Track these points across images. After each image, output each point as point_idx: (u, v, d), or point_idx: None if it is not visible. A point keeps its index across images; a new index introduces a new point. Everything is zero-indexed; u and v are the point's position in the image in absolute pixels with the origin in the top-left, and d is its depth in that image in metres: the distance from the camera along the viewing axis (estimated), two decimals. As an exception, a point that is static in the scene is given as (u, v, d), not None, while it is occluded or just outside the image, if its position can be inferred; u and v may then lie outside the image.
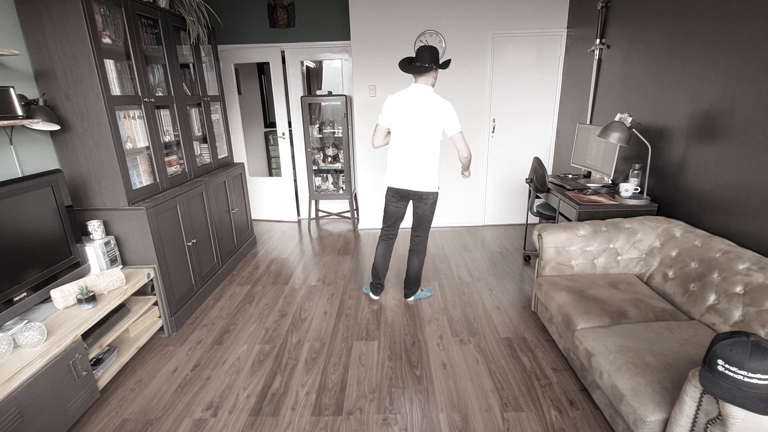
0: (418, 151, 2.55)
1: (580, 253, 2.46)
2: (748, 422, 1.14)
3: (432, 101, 2.48)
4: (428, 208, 2.68)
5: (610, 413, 1.75)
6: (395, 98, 2.55)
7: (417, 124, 2.50)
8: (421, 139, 2.53)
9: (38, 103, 2.09)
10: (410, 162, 2.58)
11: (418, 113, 2.49)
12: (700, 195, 2.33)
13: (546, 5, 3.88)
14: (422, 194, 2.62)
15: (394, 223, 2.81)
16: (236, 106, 4.68)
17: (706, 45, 2.25)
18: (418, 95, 2.49)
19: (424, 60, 2.44)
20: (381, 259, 2.89)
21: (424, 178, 2.59)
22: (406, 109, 2.50)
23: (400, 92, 2.55)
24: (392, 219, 2.79)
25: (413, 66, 2.47)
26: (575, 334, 1.97)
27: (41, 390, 1.67)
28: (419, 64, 2.45)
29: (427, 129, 2.50)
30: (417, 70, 2.47)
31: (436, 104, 2.47)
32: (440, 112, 2.47)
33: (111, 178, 2.34)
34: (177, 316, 2.68)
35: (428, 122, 2.49)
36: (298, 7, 4.28)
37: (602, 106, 3.38)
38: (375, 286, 2.98)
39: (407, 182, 2.62)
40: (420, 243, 2.81)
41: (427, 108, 2.47)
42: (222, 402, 2.04)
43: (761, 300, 1.66)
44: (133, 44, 2.44)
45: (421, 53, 2.45)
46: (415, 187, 2.61)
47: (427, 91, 2.49)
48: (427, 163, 2.58)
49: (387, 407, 1.98)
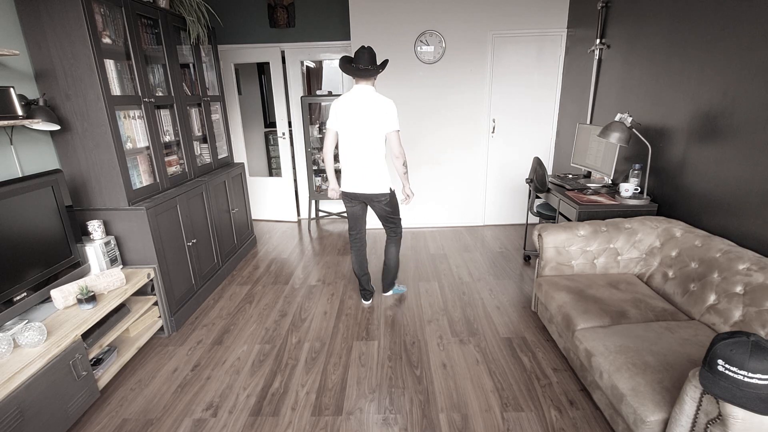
0: (364, 154, 2.56)
1: (580, 253, 2.46)
2: (748, 422, 1.14)
3: (374, 102, 2.48)
4: (386, 206, 2.69)
5: (610, 413, 1.75)
6: (340, 102, 2.56)
7: (361, 126, 2.51)
8: (366, 141, 2.53)
9: (38, 103, 2.09)
10: (358, 165, 2.59)
11: (361, 115, 2.50)
12: (700, 195, 2.33)
13: (546, 5, 3.88)
14: (373, 196, 2.63)
15: (355, 224, 2.82)
16: (236, 106, 4.68)
17: (706, 45, 2.25)
18: (361, 97, 2.50)
19: (365, 62, 2.45)
20: (356, 266, 2.90)
21: (372, 180, 2.59)
22: (350, 112, 2.51)
23: (345, 95, 2.56)
24: (353, 221, 2.81)
25: (355, 68, 2.47)
26: (575, 334, 1.97)
27: (41, 390, 1.67)
28: (362, 66, 2.45)
29: (371, 130, 2.51)
30: (360, 72, 2.47)
31: (378, 104, 2.48)
32: (381, 111, 2.48)
33: (111, 178, 2.34)
34: (177, 316, 2.68)
35: (372, 123, 2.50)
36: (298, 7, 4.28)
37: (602, 106, 3.38)
38: (362, 293, 2.98)
39: (357, 185, 2.62)
40: (393, 231, 2.82)
41: (370, 109, 2.48)
42: (222, 402, 2.04)
43: (761, 300, 1.66)
44: (133, 44, 2.44)
45: (361, 55, 2.45)
46: (365, 190, 2.62)
47: (369, 92, 2.51)
48: (375, 165, 2.58)
49: (387, 407, 1.98)
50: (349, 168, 2.63)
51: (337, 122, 2.59)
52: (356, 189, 2.64)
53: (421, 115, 4.24)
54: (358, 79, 2.52)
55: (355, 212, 2.78)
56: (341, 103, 2.55)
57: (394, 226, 2.81)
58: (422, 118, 4.26)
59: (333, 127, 2.62)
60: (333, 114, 2.60)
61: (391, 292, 3.03)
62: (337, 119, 2.58)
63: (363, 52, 2.45)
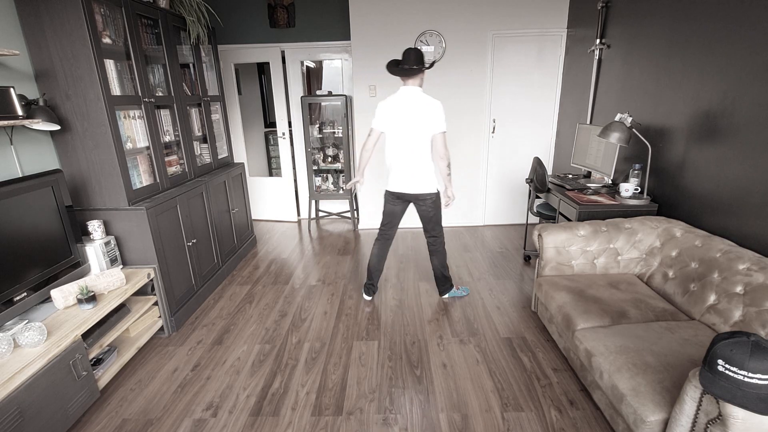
0: (411, 154, 2.58)
1: (580, 253, 2.46)
2: (749, 422, 1.14)
3: (421, 102, 2.50)
4: (429, 208, 2.69)
5: (610, 413, 1.75)
6: (387, 103, 2.59)
7: (409, 126, 2.53)
8: (414, 141, 2.55)
9: (38, 103, 2.09)
10: (405, 165, 2.61)
11: (409, 116, 2.52)
12: (700, 195, 2.33)
13: (546, 5, 3.88)
14: (419, 196, 2.65)
15: (390, 222, 2.82)
16: (236, 106, 4.68)
17: (706, 45, 2.25)
18: (408, 98, 2.52)
19: (411, 62, 2.48)
20: (375, 259, 2.90)
21: (419, 179, 2.62)
22: (397, 113, 2.54)
23: (391, 97, 2.58)
24: (389, 218, 2.81)
25: (400, 69, 2.50)
26: (575, 334, 1.97)
27: (41, 390, 1.67)
28: (407, 66, 2.48)
29: (419, 130, 2.53)
30: (405, 72, 2.50)
31: (425, 104, 2.50)
32: (428, 111, 2.49)
33: (111, 178, 2.34)
34: (177, 316, 2.68)
35: (419, 123, 2.51)
36: (298, 7, 4.28)
37: (602, 106, 3.38)
38: (367, 287, 2.98)
39: (404, 185, 2.65)
40: (435, 243, 2.82)
41: (417, 109, 2.50)
42: (222, 402, 2.04)
43: (761, 300, 1.66)
44: (133, 44, 2.44)
45: (407, 55, 2.48)
46: (412, 190, 2.64)
47: (416, 93, 2.53)
48: (422, 165, 2.60)
49: (387, 407, 1.98)
50: (396, 168, 2.66)
51: (382, 123, 2.61)
52: (403, 189, 2.66)
53: (421, 115, 4.24)
54: (405, 80, 2.54)
55: (395, 211, 2.79)
56: (387, 104, 2.58)
57: (435, 232, 2.79)
58: (422, 118, 4.25)
59: (378, 127, 2.64)
60: (379, 115, 2.62)
61: (447, 295, 2.99)
62: (382, 120, 2.61)
63: (410, 52, 2.48)
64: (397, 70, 2.52)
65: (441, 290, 2.98)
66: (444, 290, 2.97)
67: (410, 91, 2.53)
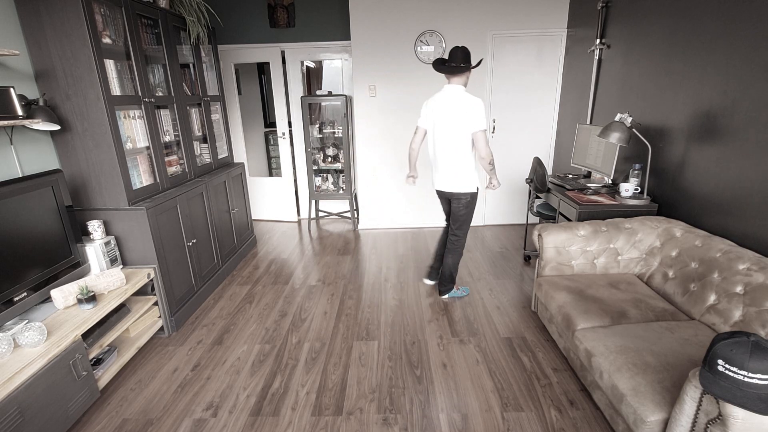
0: (448, 152, 2.60)
1: (580, 253, 2.46)
2: (749, 422, 1.14)
3: (462, 100, 2.51)
4: (462, 208, 2.72)
5: (610, 413, 1.75)
6: (430, 101, 2.64)
7: (446, 124, 2.55)
8: (451, 139, 2.56)
9: (38, 103, 2.09)
10: (442, 163, 2.65)
11: (448, 114, 2.53)
12: (700, 195, 2.33)
13: (546, 5, 3.88)
14: (454, 194, 2.69)
15: (447, 217, 2.95)
16: (236, 106, 4.68)
17: (706, 45, 2.25)
18: (449, 96, 2.54)
19: (458, 60, 2.48)
20: (438, 244, 3.06)
21: (455, 178, 2.64)
22: (438, 111, 2.57)
23: (436, 94, 2.62)
24: (445, 214, 2.95)
25: (447, 67, 2.51)
26: (575, 334, 1.97)
27: (41, 390, 1.67)
28: (453, 64, 2.49)
29: (457, 128, 2.53)
30: (451, 70, 2.51)
31: (464, 103, 2.50)
32: (467, 109, 2.49)
33: (111, 178, 2.34)
34: (177, 316, 2.68)
35: (457, 121, 2.52)
36: (298, 7, 4.28)
37: (602, 106, 3.38)
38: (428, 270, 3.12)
39: (440, 183, 2.72)
40: (456, 242, 2.84)
41: (456, 108, 2.51)
42: (222, 402, 2.04)
43: (761, 300, 1.66)
44: (133, 44, 2.44)
45: (455, 54, 2.49)
46: (448, 188, 2.69)
47: (458, 91, 2.53)
48: (458, 164, 2.61)
49: (387, 407, 1.98)
50: (435, 166, 2.73)
51: (425, 121, 2.69)
52: (440, 187, 2.75)
53: (421, 115, 4.24)
54: (449, 78, 2.56)
55: (444, 208, 2.92)
56: (430, 102, 2.64)
57: (459, 233, 2.81)
58: (422, 118, 4.25)
59: (422, 125, 2.72)
60: (422, 113, 2.70)
61: (447, 296, 3.00)
62: (425, 118, 2.68)
63: (456, 50, 2.50)
64: (443, 68, 2.53)
65: (442, 290, 2.97)
66: (445, 291, 2.97)
67: (452, 90, 2.54)
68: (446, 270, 2.91)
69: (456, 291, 3.00)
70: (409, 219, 4.61)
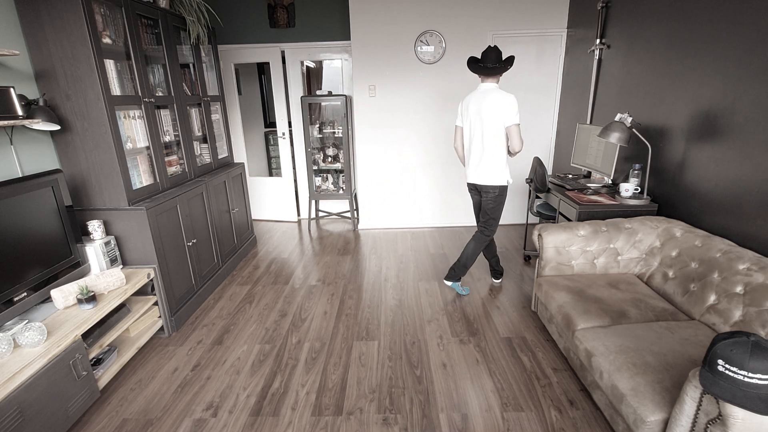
0: (481, 145, 2.70)
1: (580, 253, 2.46)
2: (749, 422, 1.14)
3: (494, 96, 2.60)
4: (491, 201, 2.79)
5: (610, 413, 1.75)
6: (466, 100, 2.76)
7: (480, 119, 2.65)
8: (484, 133, 2.66)
9: (38, 103, 2.09)
10: (475, 156, 2.74)
11: (481, 110, 2.63)
12: (700, 195, 2.33)
13: (546, 5, 3.88)
14: (484, 187, 2.77)
15: (477, 214, 2.98)
16: (236, 106, 4.68)
17: (706, 45, 2.25)
18: (483, 94, 2.65)
19: (493, 61, 2.59)
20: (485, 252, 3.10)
21: (486, 171, 2.73)
22: (472, 108, 2.67)
23: (471, 94, 2.73)
24: (476, 209, 2.98)
25: (483, 68, 2.61)
26: (575, 334, 1.97)
27: (41, 390, 1.67)
28: (489, 65, 2.59)
29: (490, 123, 2.63)
30: (487, 71, 2.61)
31: (498, 98, 2.59)
32: (499, 105, 2.58)
33: (111, 178, 2.34)
34: (177, 316, 2.68)
35: (490, 117, 2.62)
36: (298, 7, 4.28)
37: (602, 106, 3.38)
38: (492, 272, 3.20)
39: (473, 176, 2.82)
40: (483, 233, 2.91)
41: (489, 103, 2.60)
42: (222, 402, 2.04)
43: (761, 300, 1.66)
44: (133, 44, 2.44)
45: (488, 55, 2.59)
46: (479, 180, 2.77)
47: (491, 89, 2.63)
48: (490, 157, 2.70)
49: (387, 407, 1.98)
50: (467, 159, 2.84)
51: (462, 119, 2.81)
52: (472, 179, 2.82)
53: (421, 115, 4.24)
54: (484, 78, 2.67)
55: (475, 201, 2.96)
56: (466, 101, 2.75)
57: (488, 226, 2.88)
58: (423, 119, 4.26)
59: (459, 124, 2.85)
60: (459, 111, 2.83)
61: (450, 283, 3.03)
62: (462, 116, 2.81)
63: (490, 51, 2.59)
64: (479, 68, 2.63)
65: (450, 274, 3.00)
66: (452, 277, 3.00)
67: (487, 87, 2.64)
68: (464, 257, 2.94)
69: (459, 286, 3.03)
70: (409, 219, 4.60)
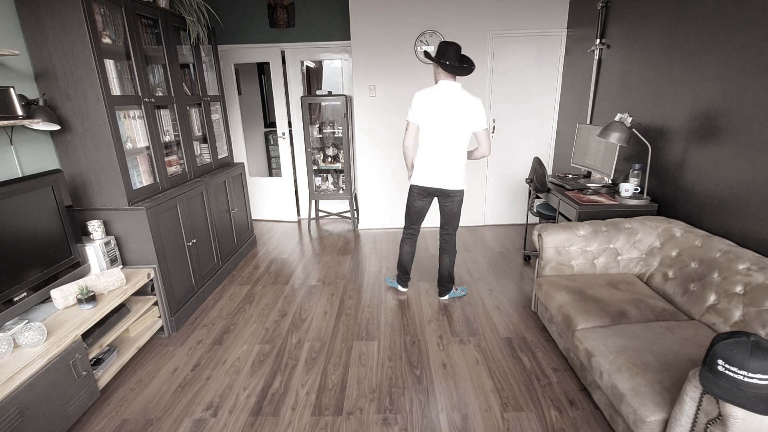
0: (448, 149, 2.56)
1: (580, 253, 2.46)
2: (748, 422, 1.14)
3: (465, 98, 2.49)
4: (456, 205, 2.71)
5: (610, 413, 1.75)
6: (426, 96, 2.52)
7: (449, 122, 2.50)
8: (452, 137, 2.54)
9: (38, 103, 2.09)
10: (439, 160, 2.59)
11: (450, 111, 2.49)
12: (700, 195, 2.33)
13: (546, 5, 3.88)
14: (450, 192, 2.65)
15: (417, 220, 2.84)
16: (236, 106, 4.68)
17: (706, 45, 2.25)
18: (450, 92, 2.49)
19: (467, 61, 2.47)
20: (408, 257, 2.96)
21: (453, 175, 2.62)
22: (439, 107, 2.49)
23: (431, 90, 2.53)
24: (417, 216, 2.82)
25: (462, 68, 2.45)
26: (575, 334, 1.97)
27: (41, 390, 1.67)
28: (466, 65, 2.46)
29: (460, 127, 2.51)
30: (459, 70, 2.46)
31: (470, 100, 2.49)
32: (471, 109, 2.49)
33: (111, 178, 2.34)
34: (177, 316, 2.68)
35: (461, 120, 2.50)
36: (298, 7, 4.28)
37: (602, 106, 3.38)
38: (404, 279, 3.03)
39: (437, 180, 2.63)
40: (449, 241, 2.85)
41: (458, 106, 2.48)
42: (222, 402, 2.04)
43: (761, 300, 1.66)
44: (133, 44, 2.44)
45: (455, 54, 2.43)
46: (445, 185, 2.63)
47: (458, 88, 2.50)
48: (458, 161, 2.60)
49: (387, 407, 1.98)
50: (428, 162, 2.61)
51: (420, 116, 2.55)
52: (434, 183, 2.64)
53: (421, 115, 4.24)
54: (452, 77, 2.50)
55: (424, 207, 2.78)
56: (427, 97, 2.52)
57: (453, 231, 2.82)
58: (422, 118, 4.25)
59: (416, 120, 2.57)
60: (417, 107, 2.54)
61: (447, 297, 2.99)
62: (420, 113, 2.54)
63: (457, 50, 2.44)
64: (459, 70, 2.45)
65: (443, 290, 2.97)
66: (445, 290, 2.96)
67: (453, 86, 2.49)
68: (445, 271, 2.90)
69: (455, 291, 3.00)
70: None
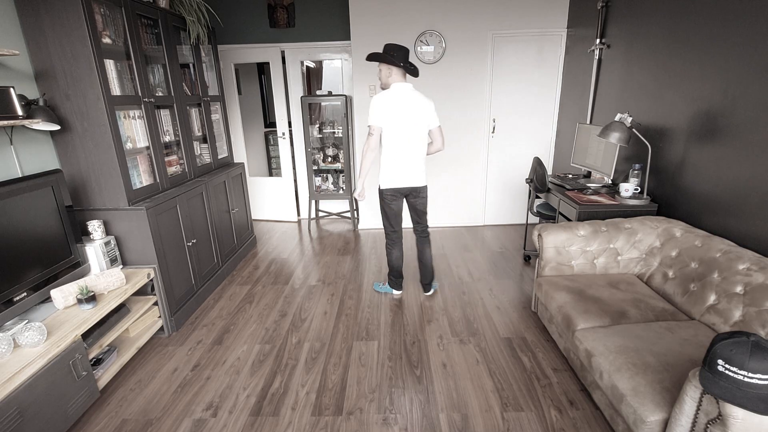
0: (413, 149, 2.67)
1: (580, 253, 2.46)
2: (748, 422, 1.14)
3: (419, 98, 2.62)
4: (425, 200, 2.84)
5: (610, 413, 1.75)
6: (386, 100, 2.55)
7: (410, 122, 2.60)
8: (416, 137, 2.65)
9: (38, 103, 2.09)
10: (409, 160, 2.68)
11: (411, 112, 2.59)
12: (700, 195, 2.33)
13: (546, 5, 3.88)
14: (420, 189, 2.77)
15: (398, 221, 2.88)
16: (236, 106, 4.68)
17: (706, 45, 2.25)
18: (406, 94, 2.59)
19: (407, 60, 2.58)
20: (401, 261, 2.99)
21: (421, 173, 2.75)
22: (400, 109, 2.58)
23: (388, 93, 2.57)
24: (396, 218, 2.85)
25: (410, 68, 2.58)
26: (575, 334, 1.97)
27: (41, 390, 1.67)
28: (412, 66, 2.59)
29: (419, 126, 2.63)
30: (415, 72, 2.62)
31: (424, 100, 2.63)
32: (427, 107, 2.63)
33: (111, 178, 2.34)
34: (177, 316, 2.68)
35: (419, 119, 2.62)
36: (298, 7, 4.28)
37: (602, 106, 3.38)
38: (398, 283, 3.05)
39: (410, 179, 2.72)
40: (426, 233, 2.94)
41: (416, 106, 2.60)
42: (222, 402, 2.04)
43: (761, 300, 1.66)
44: (133, 44, 2.44)
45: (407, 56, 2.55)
46: (416, 183, 2.74)
47: (410, 89, 2.61)
48: (422, 159, 2.74)
49: (387, 407, 1.98)
50: (397, 163, 2.67)
51: (383, 119, 2.57)
52: (406, 183, 2.72)
53: (421, 115, 4.24)
54: (403, 77, 2.62)
55: (400, 207, 2.84)
56: (387, 101, 2.55)
57: (425, 224, 2.93)
58: (422, 118, 4.25)
59: (379, 124, 2.58)
60: (379, 112, 2.55)
61: (431, 291, 3.06)
62: (383, 117, 2.56)
63: (406, 53, 2.55)
64: (408, 69, 2.58)
65: (428, 284, 3.02)
66: (430, 285, 3.02)
67: (407, 87, 2.60)
68: (429, 264, 2.96)
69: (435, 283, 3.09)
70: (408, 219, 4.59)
